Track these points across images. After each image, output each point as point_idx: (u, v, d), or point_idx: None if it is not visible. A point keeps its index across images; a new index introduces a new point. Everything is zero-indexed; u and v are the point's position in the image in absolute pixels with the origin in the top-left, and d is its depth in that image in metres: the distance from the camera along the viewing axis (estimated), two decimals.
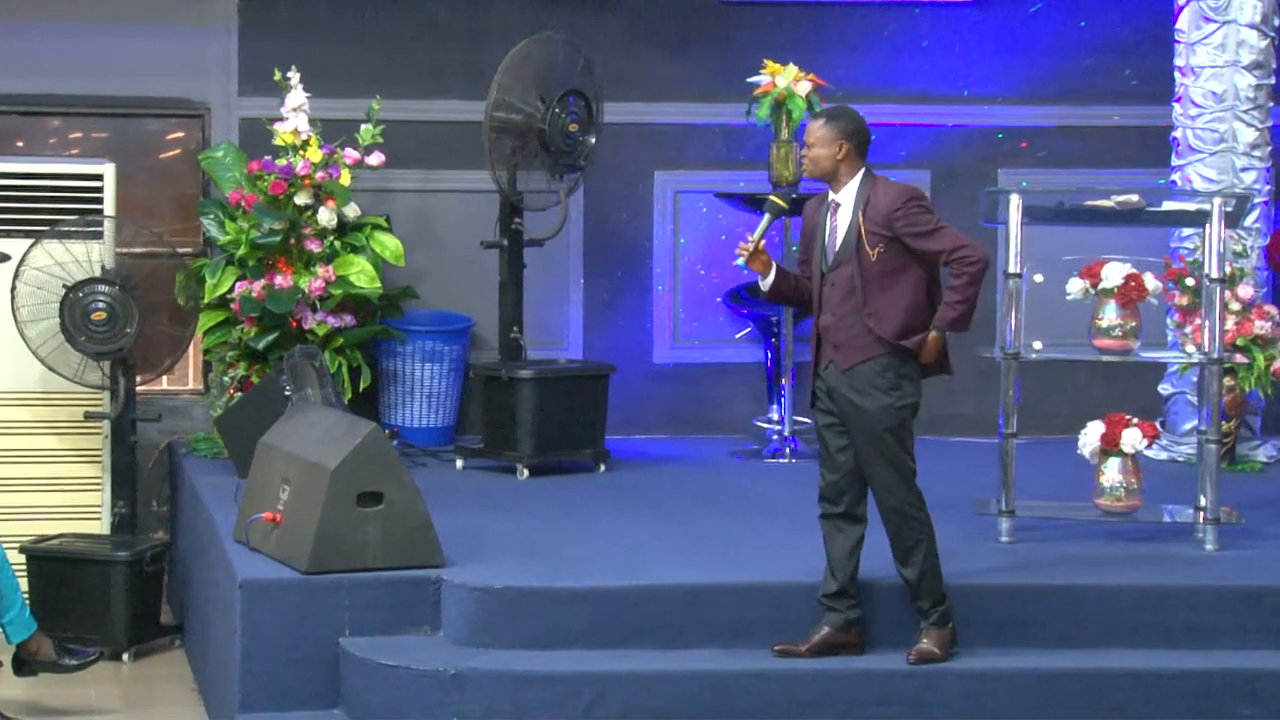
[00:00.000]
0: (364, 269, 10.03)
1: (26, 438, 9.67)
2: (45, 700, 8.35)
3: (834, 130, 7.24)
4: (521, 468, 9.71)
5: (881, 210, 7.14)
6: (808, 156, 7.30)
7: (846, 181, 7.25)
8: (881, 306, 7.15)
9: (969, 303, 7.15)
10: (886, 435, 7.17)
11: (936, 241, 7.14)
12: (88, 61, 10.54)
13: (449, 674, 7.08)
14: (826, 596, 7.30)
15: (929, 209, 7.20)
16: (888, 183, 7.25)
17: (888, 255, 7.14)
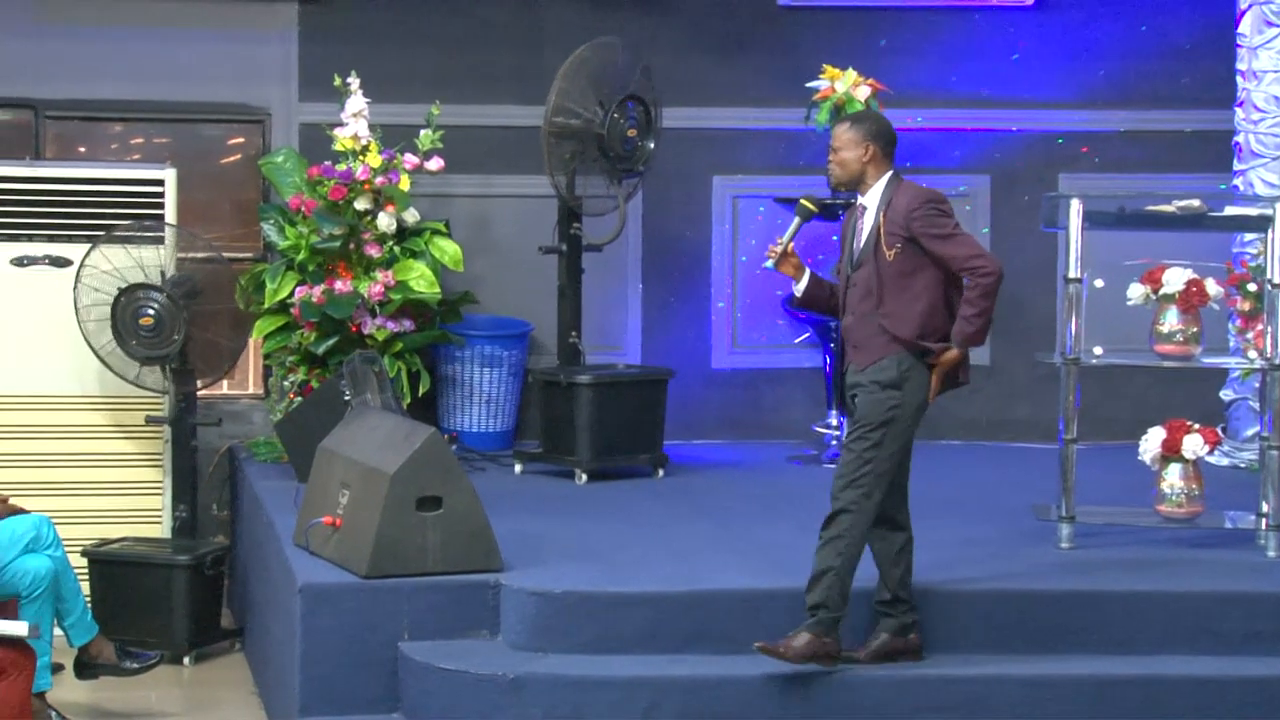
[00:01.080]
0: (423, 274, 10.05)
1: (89, 442, 9.72)
2: (106, 703, 8.39)
3: (860, 133, 7.22)
4: (580, 472, 9.72)
5: (900, 210, 7.10)
6: (834, 160, 7.26)
7: (873, 184, 7.22)
8: (897, 307, 7.11)
9: (984, 315, 7.08)
10: (865, 425, 7.09)
11: (951, 247, 7.08)
12: (149, 67, 10.60)
13: (507, 678, 7.09)
14: (881, 604, 7.28)
15: (948, 213, 7.14)
16: (910, 185, 7.22)
17: (905, 256, 7.09)
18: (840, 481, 7.09)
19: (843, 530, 7.06)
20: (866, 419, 7.10)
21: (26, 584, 7.87)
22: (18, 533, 7.96)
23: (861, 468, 7.07)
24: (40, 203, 9.73)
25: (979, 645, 7.43)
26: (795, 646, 7.06)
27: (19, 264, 9.70)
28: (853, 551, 7.06)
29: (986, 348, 11.30)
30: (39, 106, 10.54)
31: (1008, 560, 7.97)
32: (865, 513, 7.06)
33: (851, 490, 7.06)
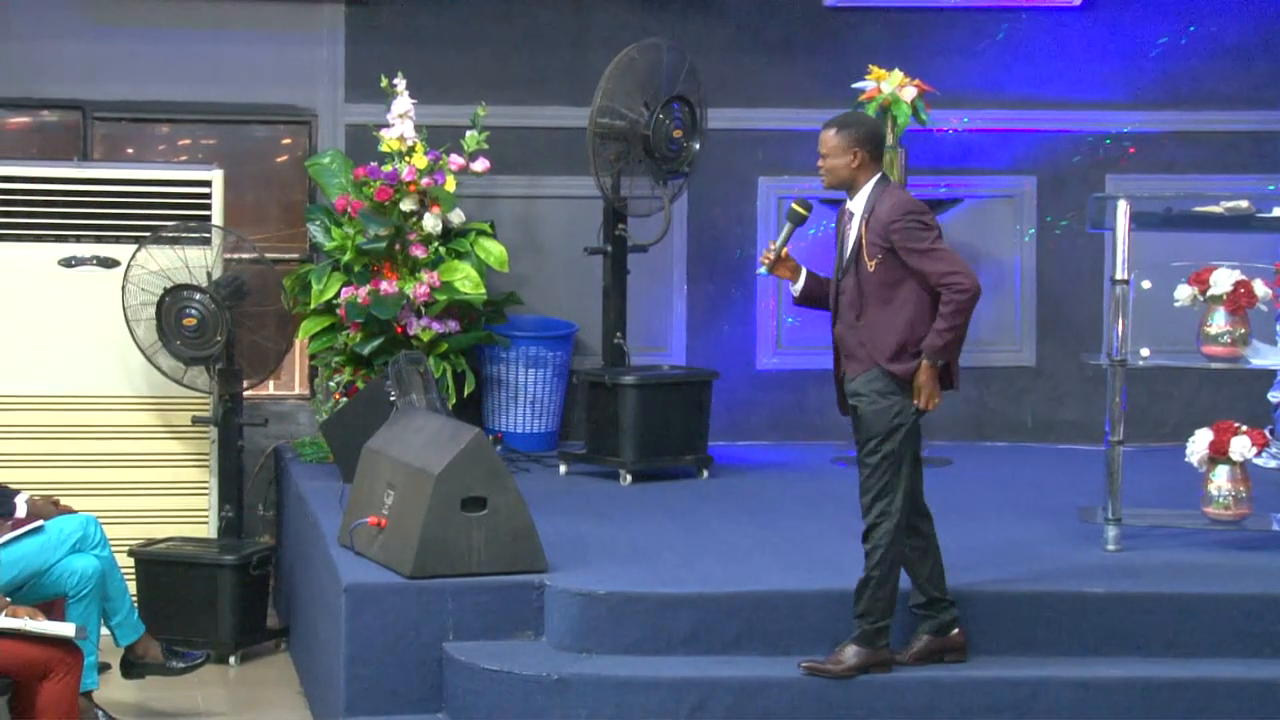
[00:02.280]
0: (468, 275, 10.06)
1: (135, 442, 9.75)
2: (152, 702, 8.42)
3: (846, 139, 7.12)
4: (625, 473, 9.72)
5: (881, 221, 7.02)
6: (823, 167, 7.18)
7: (860, 189, 7.14)
8: (878, 319, 7.05)
9: (955, 331, 6.98)
10: (875, 437, 7.05)
11: (928, 262, 6.98)
12: (196, 69, 10.63)
13: (552, 679, 7.09)
14: (917, 607, 7.26)
15: (928, 226, 7.02)
16: (894, 191, 7.13)
17: (886, 267, 7.02)
18: (866, 497, 7.08)
19: (878, 542, 7.06)
20: (874, 430, 7.06)
21: (74, 583, 7.91)
22: (65, 532, 7.99)
23: (882, 478, 7.06)
24: (88, 204, 9.76)
25: (1026, 647, 7.41)
26: (844, 661, 7.10)
27: (67, 265, 9.73)
28: (891, 560, 7.06)
29: (1032, 348, 11.29)
30: (87, 108, 10.58)
31: (1054, 562, 7.94)
32: (896, 520, 7.05)
33: (879, 502, 7.05)
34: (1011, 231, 11.31)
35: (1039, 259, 11.29)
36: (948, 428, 11.04)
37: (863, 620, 7.10)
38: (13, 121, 10.70)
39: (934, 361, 6.99)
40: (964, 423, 11.21)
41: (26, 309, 9.66)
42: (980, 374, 11.26)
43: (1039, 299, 11.30)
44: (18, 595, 7.64)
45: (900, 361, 7.03)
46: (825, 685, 7.09)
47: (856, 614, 7.11)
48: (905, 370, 7.02)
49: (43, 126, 10.71)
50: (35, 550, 7.89)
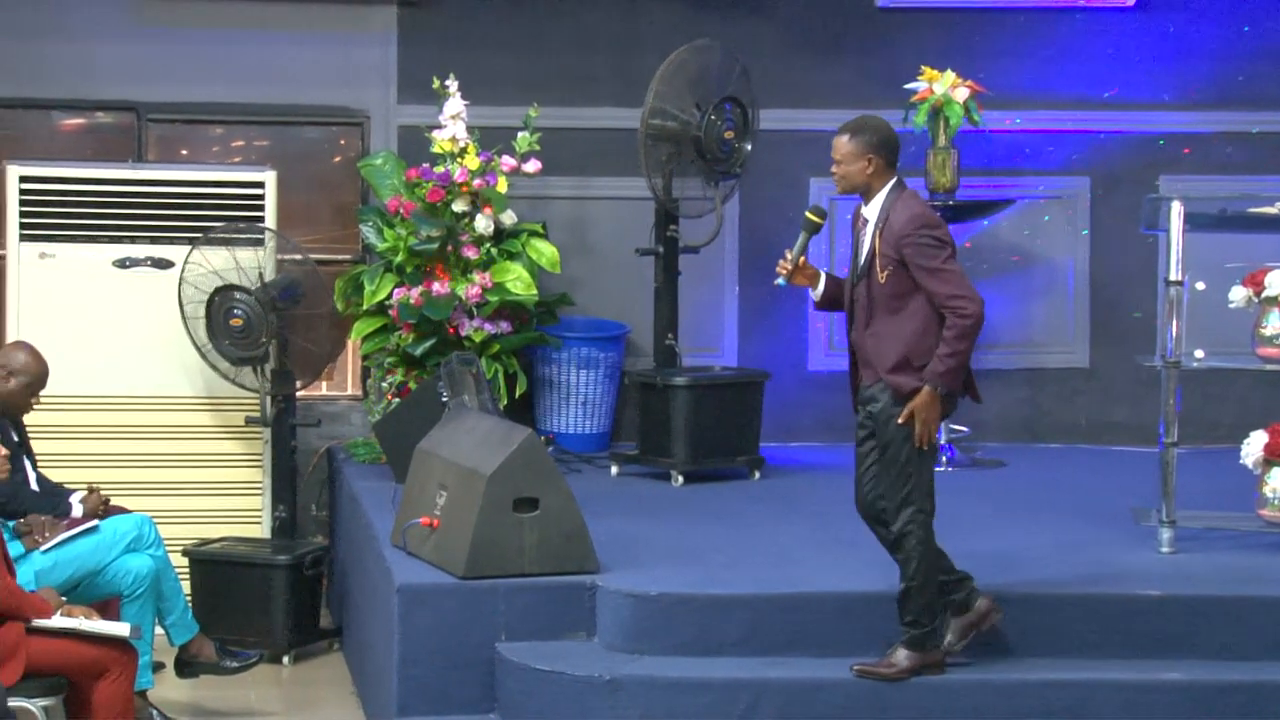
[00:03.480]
0: (520, 276, 10.08)
1: (189, 442, 9.80)
2: (206, 702, 8.45)
3: (860, 145, 7.06)
4: (676, 474, 9.72)
5: (895, 232, 6.95)
6: (836, 173, 7.11)
7: (875, 195, 7.08)
8: (885, 328, 7.00)
9: (958, 357, 6.90)
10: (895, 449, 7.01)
11: (935, 281, 6.90)
12: (249, 70, 10.67)
13: (604, 680, 7.10)
14: None
15: (941, 242, 6.94)
16: (908, 201, 7.04)
17: (896, 279, 6.97)
18: (892, 505, 7.06)
19: (910, 552, 7.05)
20: (893, 438, 7.01)
21: (128, 583, 7.95)
22: (120, 532, 8.04)
23: (905, 484, 7.03)
24: (143, 205, 9.81)
25: (1079, 650, 7.39)
26: (897, 665, 7.10)
27: (122, 265, 9.78)
28: (927, 565, 7.05)
29: (1086, 350, 11.25)
30: (141, 109, 10.63)
31: (1107, 564, 7.92)
32: (925, 525, 7.05)
33: (905, 509, 7.04)
34: (1064, 232, 11.28)
35: (1092, 260, 11.25)
36: (1000, 429, 11.02)
37: (911, 627, 7.09)
38: (68, 123, 10.76)
39: (935, 387, 6.91)
40: (1017, 424, 11.18)
41: (82, 310, 9.71)
42: (1033, 375, 11.23)
43: (1092, 300, 11.26)
44: (73, 594, 7.69)
45: (901, 374, 6.98)
46: (877, 687, 7.09)
47: (905, 622, 7.11)
48: (904, 384, 6.96)
49: (97, 128, 10.76)
50: (90, 550, 7.95)
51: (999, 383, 10.98)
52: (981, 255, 11.10)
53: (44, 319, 9.62)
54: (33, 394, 8.27)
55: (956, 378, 6.96)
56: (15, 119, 10.68)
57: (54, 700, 7.07)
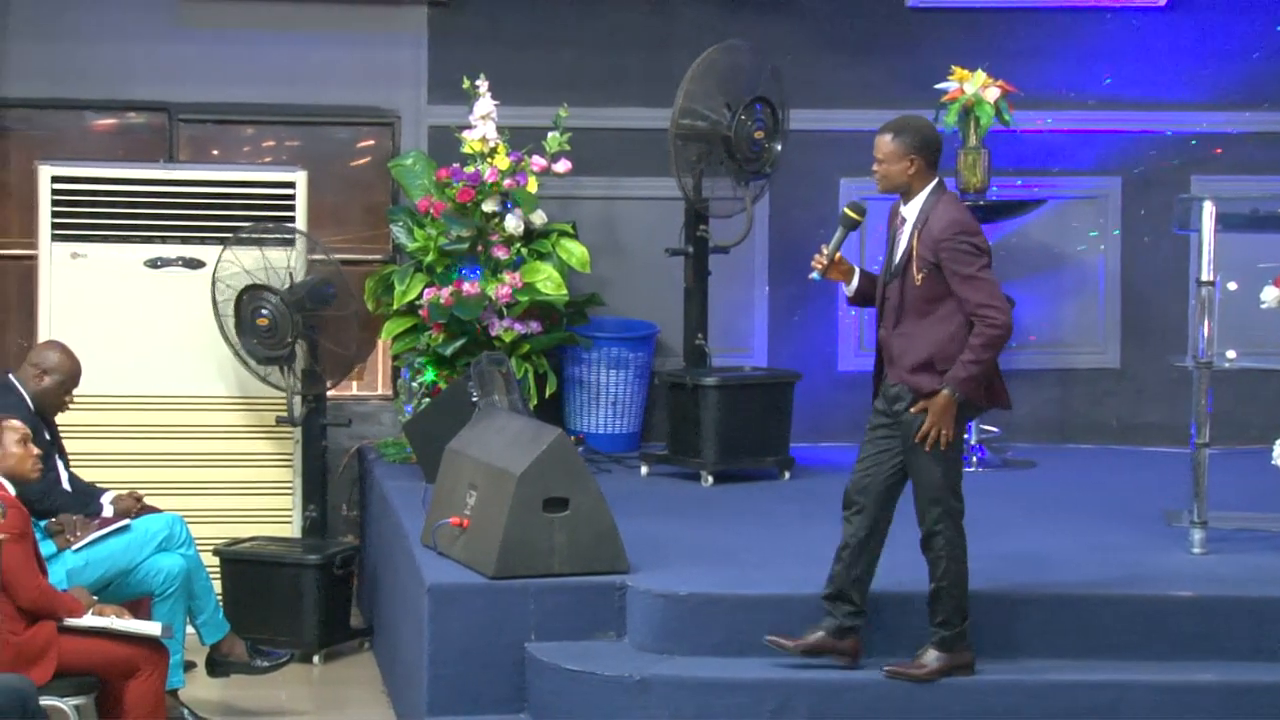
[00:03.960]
0: (550, 276, 10.08)
1: (220, 442, 9.82)
2: (237, 701, 8.47)
3: (903, 145, 7.03)
4: (706, 474, 9.72)
5: (933, 235, 6.93)
6: (878, 172, 7.08)
7: (916, 195, 7.06)
8: (914, 329, 6.98)
9: (981, 365, 6.88)
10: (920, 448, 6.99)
11: (969, 288, 6.88)
12: (280, 71, 10.69)
13: (634, 680, 7.10)
14: (828, 599, 7.17)
15: (979, 250, 6.92)
16: (949, 205, 7.02)
17: (931, 282, 6.94)
18: (920, 505, 7.05)
19: (940, 552, 7.05)
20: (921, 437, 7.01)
21: (160, 582, 7.97)
22: (151, 532, 8.06)
23: (933, 487, 7.02)
24: (174, 205, 9.84)
25: (1111, 650, 7.37)
26: (927, 666, 7.09)
27: (153, 265, 9.81)
28: (957, 566, 7.05)
29: (1116, 350, 11.22)
30: (173, 110, 10.66)
31: (1139, 565, 7.90)
32: (955, 524, 7.04)
33: (933, 509, 7.03)
34: (1095, 232, 11.25)
35: (1123, 260, 11.23)
36: (1031, 430, 11.00)
37: (942, 628, 7.08)
38: (100, 123, 10.79)
39: (954, 393, 6.89)
40: (1047, 425, 11.16)
41: (113, 310, 9.74)
42: (1063, 376, 11.21)
43: (1123, 301, 11.24)
44: (104, 593, 7.71)
45: (922, 375, 6.96)
46: (907, 687, 7.08)
47: (935, 623, 7.10)
48: (924, 385, 6.94)
49: (129, 128, 10.80)
50: (122, 549, 7.97)
51: (1029, 383, 10.96)
52: (1012, 255, 11.08)
53: (75, 319, 9.64)
54: (66, 392, 8.31)
55: (976, 387, 6.94)
56: (48, 119, 10.72)
57: (86, 699, 7.09)
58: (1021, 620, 7.39)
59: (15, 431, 7.30)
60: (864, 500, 7.12)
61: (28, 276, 10.16)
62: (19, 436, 7.30)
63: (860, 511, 7.13)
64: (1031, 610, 7.41)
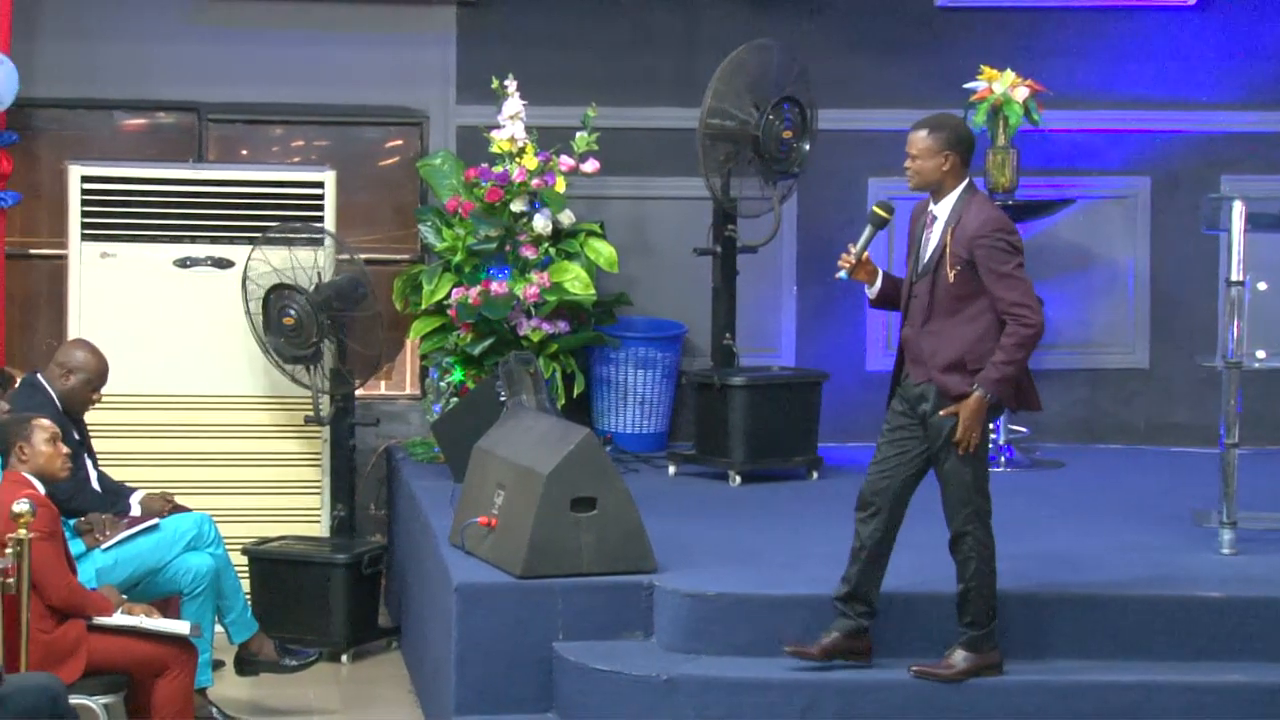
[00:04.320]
0: (578, 275, 10.09)
1: (249, 441, 9.84)
2: (265, 700, 8.49)
3: (938, 141, 7.02)
4: (734, 474, 9.71)
5: (968, 232, 6.92)
6: (911, 168, 7.06)
7: (948, 193, 7.04)
8: (942, 328, 6.96)
9: (1015, 366, 6.86)
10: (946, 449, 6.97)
11: (1002, 286, 6.87)
12: (309, 71, 10.71)
13: (661, 679, 7.10)
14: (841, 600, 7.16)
15: (1015, 249, 6.92)
16: (984, 204, 7.02)
17: (964, 279, 6.93)
18: (949, 506, 7.04)
19: (969, 552, 7.04)
20: (944, 439, 6.98)
21: (188, 581, 7.99)
22: (180, 531, 8.08)
23: (960, 488, 7.01)
24: (203, 205, 9.86)
25: (1139, 651, 7.35)
26: (955, 666, 7.09)
27: (182, 265, 9.83)
28: (985, 567, 7.04)
29: (1145, 350, 11.20)
30: (202, 109, 10.68)
31: (1168, 566, 7.88)
32: (984, 525, 7.03)
33: (963, 509, 7.02)
34: (1124, 232, 11.23)
35: (1152, 260, 11.20)
36: (1059, 430, 10.98)
37: (970, 628, 7.08)
38: (129, 123, 10.82)
39: (987, 394, 6.87)
40: (1075, 425, 11.14)
41: (142, 309, 9.77)
42: (1092, 376, 11.19)
43: (1152, 301, 11.21)
44: (133, 592, 7.74)
45: (953, 374, 6.94)
46: (935, 688, 7.07)
47: (963, 623, 7.09)
48: (954, 386, 6.92)
49: (159, 128, 10.82)
50: (150, 548, 7.99)
51: (1058, 383, 10.94)
52: (1041, 255, 11.06)
53: (105, 318, 9.67)
54: (93, 391, 8.32)
55: (1008, 388, 6.92)
56: (78, 119, 10.75)
57: (115, 698, 7.12)
58: (1050, 620, 7.38)
59: (45, 430, 7.32)
60: (880, 502, 7.12)
61: (57, 276, 10.19)
62: (49, 435, 7.31)
63: (877, 513, 7.12)
64: (1060, 610, 7.39)
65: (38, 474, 7.25)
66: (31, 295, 10.65)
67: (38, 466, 7.26)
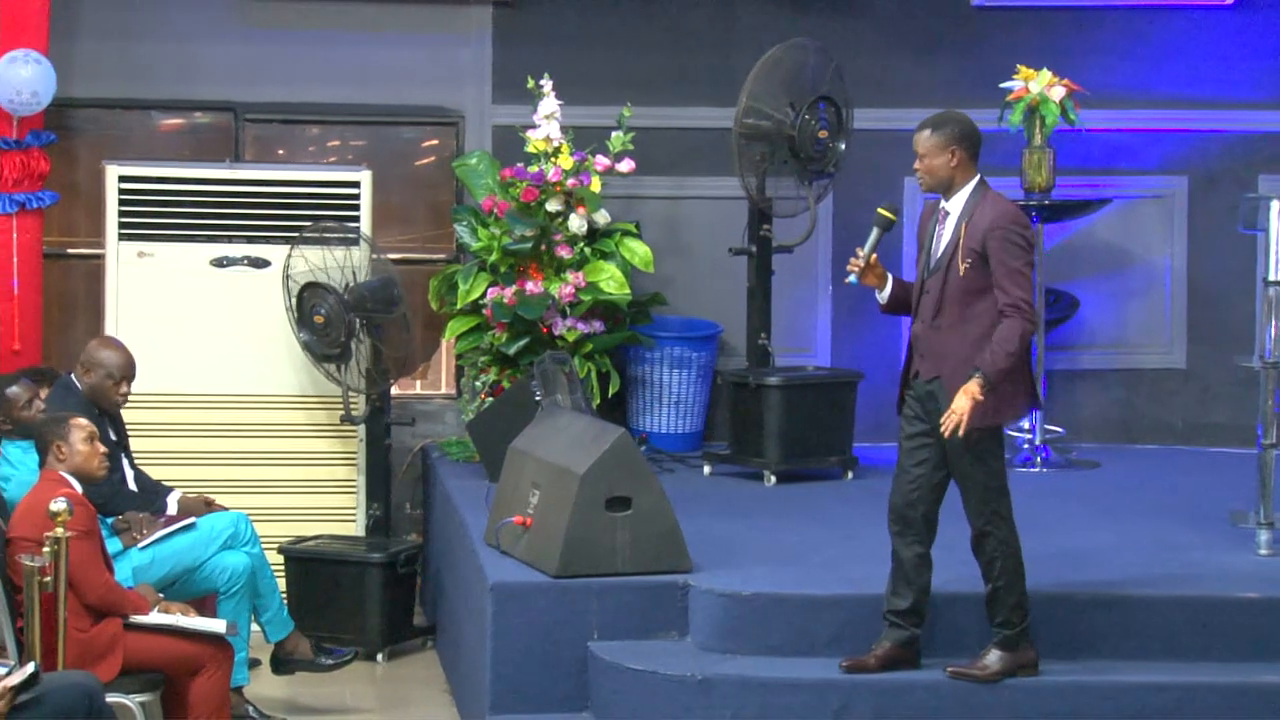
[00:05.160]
0: (614, 275, 10.09)
1: (285, 440, 9.86)
2: (301, 698, 8.51)
3: (943, 137, 7.00)
4: (769, 474, 9.71)
5: (981, 226, 6.89)
6: (920, 168, 7.05)
7: (959, 190, 7.02)
8: (955, 324, 6.94)
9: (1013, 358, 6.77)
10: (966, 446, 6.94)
11: (1010, 280, 6.82)
12: (345, 71, 10.73)
13: (696, 679, 7.09)
14: (894, 614, 7.14)
15: (1026, 245, 6.88)
16: (996, 198, 6.99)
17: (974, 274, 6.90)
18: (970, 507, 7.03)
19: (993, 553, 7.03)
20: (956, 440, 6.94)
21: (225, 580, 8.01)
22: (216, 529, 8.10)
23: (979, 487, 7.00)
24: (239, 204, 9.89)
25: (1175, 652, 7.33)
26: (989, 667, 7.07)
27: (219, 265, 9.86)
28: (1012, 565, 7.03)
29: (1183, 350, 11.16)
30: (239, 109, 10.71)
31: (1204, 566, 7.85)
32: (1005, 524, 7.01)
33: (983, 510, 7.01)
34: (1161, 232, 11.19)
35: (1190, 260, 11.17)
36: (1096, 430, 10.95)
37: (1003, 628, 7.06)
38: (166, 123, 10.86)
39: (987, 380, 6.80)
40: (1112, 425, 11.11)
41: (179, 308, 9.80)
42: (1129, 376, 11.16)
43: (1189, 301, 11.18)
44: (170, 591, 7.76)
45: (960, 370, 6.92)
46: (970, 688, 7.06)
47: (995, 623, 7.08)
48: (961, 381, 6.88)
49: (195, 128, 10.86)
50: (187, 547, 8.01)
51: (1094, 383, 10.92)
52: (1078, 255, 11.04)
53: (142, 317, 9.71)
54: (116, 385, 8.23)
55: (1002, 372, 6.82)
56: (115, 119, 10.80)
57: (151, 696, 7.14)
58: (1086, 620, 7.36)
59: (82, 429, 7.35)
60: (914, 514, 7.11)
61: (95, 275, 10.23)
62: (86, 434, 7.34)
63: (913, 527, 7.11)
64: (1096, 610, 7.38)
65: (75, 473, 7.28)
66: (69, 294, 10.70)
67: (75, 465, 7.28)
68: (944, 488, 7.11)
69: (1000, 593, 7.02)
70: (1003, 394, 6.90)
